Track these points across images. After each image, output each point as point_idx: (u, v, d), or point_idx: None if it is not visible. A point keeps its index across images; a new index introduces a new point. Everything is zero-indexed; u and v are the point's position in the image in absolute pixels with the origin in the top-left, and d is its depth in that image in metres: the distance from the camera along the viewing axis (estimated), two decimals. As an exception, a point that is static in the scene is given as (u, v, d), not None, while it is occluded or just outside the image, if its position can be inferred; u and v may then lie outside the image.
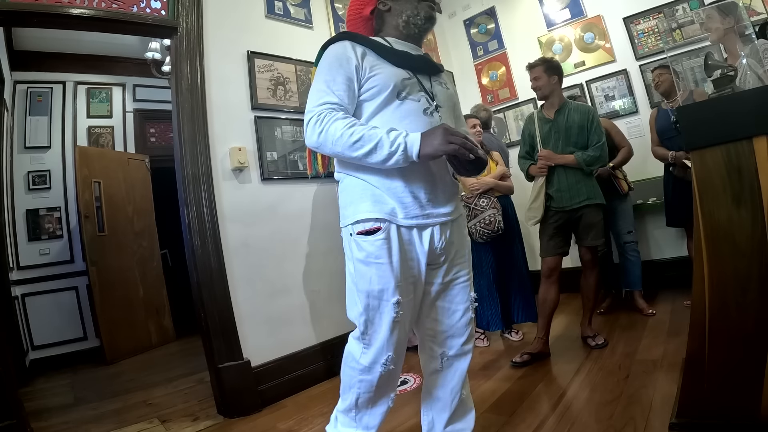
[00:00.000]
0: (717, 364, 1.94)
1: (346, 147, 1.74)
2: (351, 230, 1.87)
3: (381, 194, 1.85)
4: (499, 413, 2.75)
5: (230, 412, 3.29)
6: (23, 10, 3.05)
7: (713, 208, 1.91)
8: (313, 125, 1.79)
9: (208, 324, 3.33)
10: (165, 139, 7.19)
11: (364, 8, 2.09)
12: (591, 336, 3.68)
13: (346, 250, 1.95)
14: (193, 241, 3.36)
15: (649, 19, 5.18)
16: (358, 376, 1.90)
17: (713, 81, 2.25)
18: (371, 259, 1.82)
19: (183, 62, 3.53)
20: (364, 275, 1.84)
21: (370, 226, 1.83)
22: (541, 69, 3.64)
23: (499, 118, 6.33)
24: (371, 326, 1.86)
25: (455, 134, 1.69)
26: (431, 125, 1.86)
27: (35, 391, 4.64)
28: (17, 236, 5.73)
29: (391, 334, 1.85)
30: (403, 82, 1.90)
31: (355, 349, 1.92)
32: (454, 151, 1.68)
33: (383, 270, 1.82)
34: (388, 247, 1.82)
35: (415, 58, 2.04)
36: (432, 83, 2.04)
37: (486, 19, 6.45)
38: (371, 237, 1.82)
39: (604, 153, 3.60)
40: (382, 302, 1.83)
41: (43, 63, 6.16)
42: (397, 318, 1.84)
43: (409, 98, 1.91)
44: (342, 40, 1.94)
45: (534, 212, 3.65)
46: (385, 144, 1.70)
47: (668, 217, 4.38)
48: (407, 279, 1.88)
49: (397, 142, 1.70)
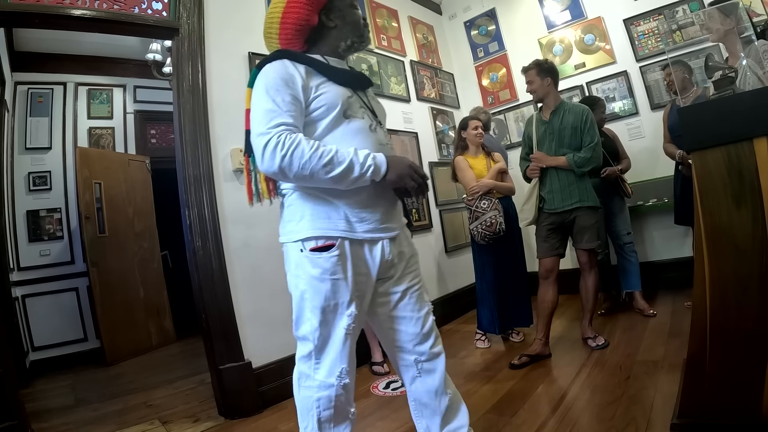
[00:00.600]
0: (718, 364, 1.94)
1: (316, 170, 1.71)
2: (302, 246, 1.85)
3: (333, 209, 1.86)
4: (500, 414, 2.76)
5: (231, 413, 3.29)
6: (25, 11, 3.05)
7: (714, 209, 1.91)
8: (272, 150, 1.71)
9: (210, 325, 3.33)
10: (165, 141, 7.20)
11: (311, 16, 1.97)
12: (591, 337, 3.68)
13: (290, 266, 1.93)
14: (194, 243, 3.37)
15: (650, 20, 5.20)
16: (315, 394, 1.87)
17: (714, 82, 2.26)
18: (326, 275, 1.82)
19: (184, 63, 3.54)
20: (319, 291, 1.83)
21: (323, 242, 1.83)
22: (534, 72, 3.65)
23: (499, 119, 6.34)
24: (324, 341, 1.87)
25: (419, 172, 1.84)
26: (376, 142, 1.95)
27: (35, 392, 4.64)
28: (18, 237, 5.74)
29: (343, 346, 1.87)
30: (348, 101, 1.92)
31: (307, 369, 1.91)
32: (412, 188, 1.84)
33: (338, 285, 1.83)
34: (343, 262, 1.84)
35: (355, 75, 2.10)
36: (368, 99, 2.09)
37: (486, 20, 6.47)
38: (326, 253, 1.82)
39: (596, 154, 3.58)
40: (338, 316, 1.85)
41: (43, 64, 6.16)
42: (349, 331, 1.87)
43: (355, 116, 1.94)
44: (281, 59, 1.88)
45: (526, 213, 3.70)
46: (356, 166, 1.74)
47: (677, 215, 4.37)
48: (358, 292, 1.89)
49: (368, 164, 1.76)
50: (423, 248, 5.21)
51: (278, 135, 1.71)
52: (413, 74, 5.86)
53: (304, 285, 1.86)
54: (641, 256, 4.74)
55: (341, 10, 2.00)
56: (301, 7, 1.92)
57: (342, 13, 2.00)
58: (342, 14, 2.00)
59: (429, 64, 6.23)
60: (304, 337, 1.89)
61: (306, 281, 1.85)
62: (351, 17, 2.02)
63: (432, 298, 5.04)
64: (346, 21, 2.01)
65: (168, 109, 5.85)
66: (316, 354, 1.88)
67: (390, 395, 3.38)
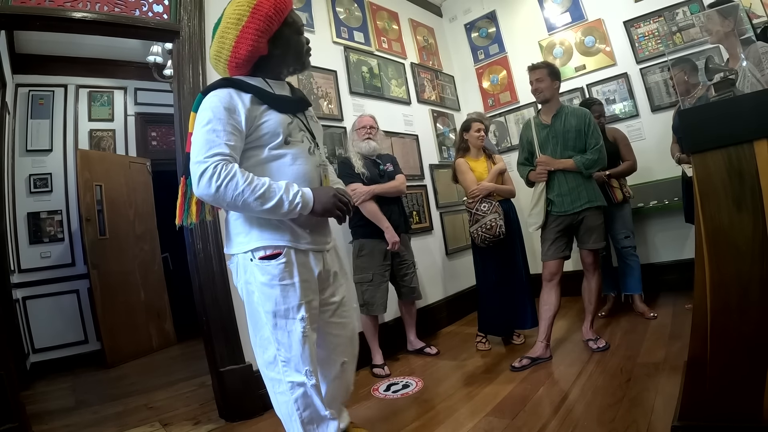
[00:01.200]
0: (719, 366, 1.93)
1: (248, 202, 1.84)
2: (251, 256, 1.99)
3: (278, 222, 2.01)
4: (501, 416, 2.75)
5: (232, 415, 3.29)
6: (26, 14, 3.07)
7: (714, 211, 1.91)
8: (209, 179, 1.81)
9: (210, 328, 3.34)
10: (166, 143, 7.20)
11: (262, 47, 2.04)
12: (593, 339, 3.68)
13: (240, 276, 2.07)
14: (195, 245, 3.38)
15: (650, 22, 5.20)
16: (291, 395, 2.00)
17: (714, 85, 2.25)
18: (275, 281, 1.97)
19: (185, 66, 3.54)
20: (269, 297, 1.97)
21: (271, 251, 1.98)
22: (545, 72, 3.64)
23: (500, 122, 6.34)
24: (282, 344, 1.99)
25: (343, 201, 2.03)
26: (314, 164, 2.16)
27: (36, 394, 4.64)
28: (18, 239, 5.74)
29: (303, 347, 1.99)
30: (288, 127, 2.07)
31: (276, 374, 2.03)
32: (338, 218, 2.06)
33: (287, 290, 1.98)
34: (290, 269, 2.00)
35: (295, 101, 2.24)
36: (308, 121, 2.25)
37: (487, 23, 6.47)
38: (274, 261, 1.97)
39: (602, 156, 3.59)
40: (289, 320, 1.99)
41: (44, 66, 6.17)
42: (305, 333, 2.00)
43: (295, 141, 2.09)
44: (225, 88, 1.96)
45: (535, 218, 3.66)
46: (285, 203, 1.88)
47: (687, 214, 4.31)
48: (308, 297, 2.04)
49: (296, 202, 1.90)
50: (423, 250, 5.22)
51: (215, 165, 1.82)
52: (414, 76, 5.85)
53: (256, 292, 2.01)
54: (642, 258, 4.73)
55: (287, 38, 2.09)
56: (255, 40, 1.98)
57: (287, 41, 2.10)
58: (287, 42, 2.10)
59: (429, 66, 6.22)
60: (265, 342, 2.03)
61: (257, 288, 2.00)
62: (295, 45, 2.13)
63: (432, 300, 5.10)
64: (290, 49, 2.12)
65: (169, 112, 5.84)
66: (281, 357, 2.01)
67: (391, 397, 3.38)
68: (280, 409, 2.07)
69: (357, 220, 3.99)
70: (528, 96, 5.89)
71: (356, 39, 5.16)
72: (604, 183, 4.31)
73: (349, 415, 2.54)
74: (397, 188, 4.11)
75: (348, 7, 5.19)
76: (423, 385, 3.53)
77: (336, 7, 5.03)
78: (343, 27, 5.03)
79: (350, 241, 4.13)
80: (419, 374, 3.78)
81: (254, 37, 1.97)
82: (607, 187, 4.33)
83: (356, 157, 3.99)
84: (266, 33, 1.99)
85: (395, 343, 4.44)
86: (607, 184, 4.34)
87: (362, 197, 3.87)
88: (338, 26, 4.97)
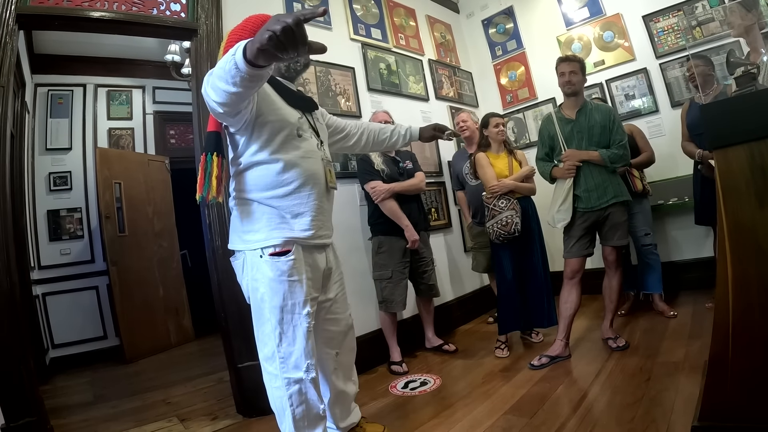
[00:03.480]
0: (740, 366, 1.90)
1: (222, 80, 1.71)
2: (261, 253, 2.08)
3: (286, 219, 2.11)
4: (520, 415, 2.74)
5: (249, 411, 3.31)
6: (44, 14, 3.10)
7: (737, 208, 1.89)
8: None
9: (229, 324, 3.36)
10: (184, 141, 7.26)
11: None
12: (612, 338, 3.64)
13: (247, 272, 2.15)
14: (213, 242, 3.40)
15: (669, 16, 5.13)
16: (286, 391, 2.07)
17: (735, 79, 2.23)
18: (284, 277, 2.06)
19: (203, 64, 3.56)
20: (277, 292, 2.05)
21: (281, 248, 2.07)
22: (578, 66, 3.60)
23: (518, 118, 6.31)
24: (286, 338, 2.07)
25: (283, 16, 1.45)
26: (321, 160, 2.27)
27: (55, 389, 4.69)
28: (38, 236, 5.82)
29: (306, 342, 2.08)
30: (299, 121, 2.22)
31: (273, 369, 2.11)
32: (278, 34, 1.42)
33: (294, 286, 2.07)
34: (298, 266, 2.09)
35: (306, 99, 2.42)
36: (314, 121, 2.38)
37: (504, 18, 6.44)
38: (283, 258, 2.06)
39: (627, 152, 3.56)
40: (295, 315, 2.07)
41: (63, 66, 6.25)
42: (309, 327, 2.09)
43: (305, 136, 2.22)
44: None
45: (563, 214, 3.58)
46: (228, 62, 1.63)
47: (697, 216, 4.31)
48: (312, 294, 2.16)
49: (229, 58, 1.62)
50: (441, 247, 5.23)
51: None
52: (431, 73, 5.85)
53: (263, 288, 2.08)
54: (662, 256, 4.67)
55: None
56: (228, 48, 1.93)
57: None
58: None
59: (447, 62, 6.21)
60: (266, 336, 2.10)
61: (265, 284, 2.07)
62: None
63: (450, 298, 5.08)
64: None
65: (186, 110, 5.89)
66: (279, 352, 2.07)
67: (408, 395, 3.38)
68: (275, 403, 2.14)
69: (376, 217, 4.00)
70: (546, 92, 5.90)
71: (374, 36, 5.16)
72: (624, 173, 4.27)
73: (364, 411, 2.55)
74: (417, 186, 4.11)
75: (365, 4, 5.19)
76: (441, 382, 3.53)
77: (353, 4, 5.04)
78: (360, 24, 5.03)
79: (369, 238, 4.14)
80: (437, 372, 3.78)
81: (234, 39, 2.15)
82: (628, 175, 4.28)
83: (375, 154, 3.98)
84: (245, 34, 2.14)
85: (413, 341, 4.43)
86: (628, 172, 4.29)
87: (382, 195, 3.88)
88: (355, 23, 4.97)
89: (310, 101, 2.45)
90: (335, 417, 2.50)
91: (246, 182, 2.14)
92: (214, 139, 2.15)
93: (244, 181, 2.15)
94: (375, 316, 4.15)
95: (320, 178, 2.24)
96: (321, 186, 2.24)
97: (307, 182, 2.16)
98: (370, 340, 4.03)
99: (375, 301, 4.05)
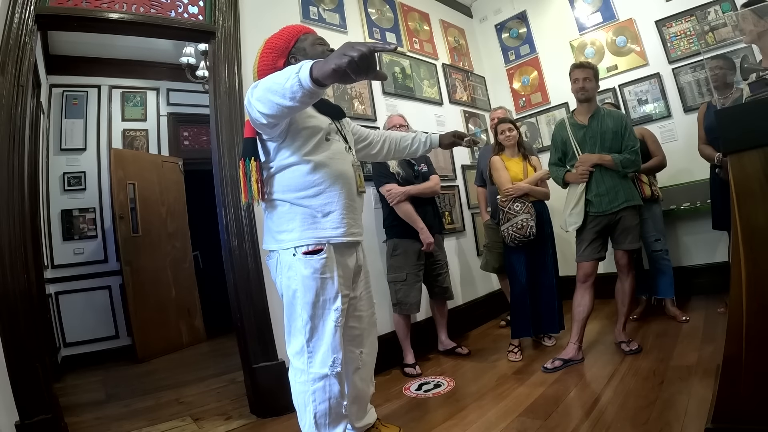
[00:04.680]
0: (754, 368, 1.91)
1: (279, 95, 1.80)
2: (294, 251, 2.15)
3: (317, 218, 2.19)
4: (534, 417, 2.75)
5: (263, 411, 3.32)
6: (63, 14, 3.14)
7: (751, 212, 1.90)
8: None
9: (244, 324, 3.37)
10: (198, 142, 7.30)
11: (277, 61, 2.30)
12: (625, 341, 3.64)
13: (281, 270, 2.21)
14: (230, 242, 3.42)
15: (681, 21, 5.14)
16: (310, 387, 2.12)
17: (749, 84, 2.23)
18: (317, 274, 2.13)
19: (221, 66, 3.59)
20: (310, 288, 2.12)
21: (313, 247, 2.15)
22: (592, 72, 3.62)
23: (531, 122, 6.33)
24: (315, 333, 2.15)
25: (358, 44, 1.58)
26: (350, 162, 2.37)
27: (67, 387, 4.72)
28: (52, 235, 5.87)
29: (333, 338, 2.15)
30: (329, 126, 2.31)
31: (300, 364, 2.16)
32: (351, 62, 1.55)
33: (326, 283, 2.15)
34: (330, 264, 2.17)
35: (335, 106, 2.54)
36: (341, 127, 2.46)
37: (517, 23, 6.45)
38: (316, 256, 2.14)
39: (638, 158, 3.58)
40: (326, 311, 2.15)
41: (78, 67, 6.31)
42: (338, 323, 2.16)
43: (335, 140, 2.32)
44: None
45: (575, 218, 3.60)
46: (290, 78, 1.74)
47: (714, 220, 4.28)
48: (343, 291, 2.22)
49: (292, 76, 1.73)
50: (454, 251, 5.25)
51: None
52: (445, 77, 5.86)
53: (296, 284, 2.15)
54: (674, 261, 4.67)
55: (304, 49, 2.31)
56: (267, 56, 2.32)
57: (305, 52, 2.30)
58: (305, 53, 2.29)
59: (460, 67, 6.22)
60: (297, 332, 2.18)
61: (299, 281, 2.14)
62: (313, 52, 2.28)
63: (464, 301, 5.10)
64: (309, 57, 2.19)
65: (200, 112, 5.94)
66: (308, 347, 2.14)
67: (422, 397, 3.39)
68: (297, 398, 2.19)
69: (391, 219, 4.02)
70: (559, 97, 5.91)
71: (388, 40, 5.17)
72: (633, 178, 4.26)
73: (378, 413, 2.57)
74: (432, 189, 4.13)
75: (380, 8, 5.22)
76: (454, 384, 3.54)
77: (368, 8, 5.06)
78: (375, 28, 5.06)
79: (384, 240, 4.16)
80: (450, 374, 3.79)
81: (267, 53, 2.32)
82: (636, 181, 4.26)
83: None
84: (278, 50, 2.31)
85: (426, 343, 4.44)
86: (637, 178, 4.29)
87: (397, 198, 3.90)
88: (370, 27, 5.00)
89: (339, 109, 2.54)
90: (351, 416, 2.52)
91: (278, 184, 2.20)
92: (251, 144, 2.20)
93: (276, 183, 2.21)
94: (389, 318, 4.16)
95: (350, 178, 2.32)
96: (351, 186, 2.31)
97: (337, 181, 2.22)
98: (384, 342, 4.00)
99: (389, 303, 4.07)
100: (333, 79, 1.66)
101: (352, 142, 2.55)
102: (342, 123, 2.50)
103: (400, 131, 3.87)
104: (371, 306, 2.58)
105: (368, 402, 2.62)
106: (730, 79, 3.96)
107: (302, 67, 1.70)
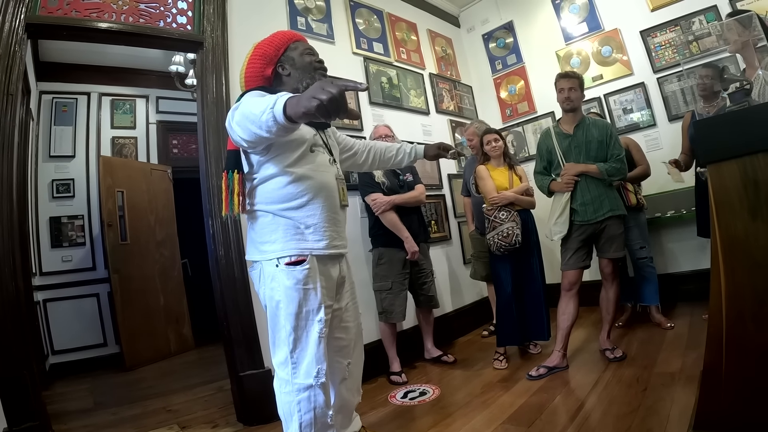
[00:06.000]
0: (734, 376, 1.94)
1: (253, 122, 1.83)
2: (277, 262, 2.14)
3: (301, 230, 2.18)
4: (518, 424, 2.77)
5: (250, 419, 3.33)
6: (54, 24, 3.15)
7: (730, 221, 1.91)
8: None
9: (231, 332, 3.39)
10: (187, 151, 7.31)
11: (265, 69, 2.32)
12: (609, 349, 3.67)
13: (264, 281, 2.21)
14: (217, 252, 3.43)
15: (666, 32, 5.20)
16: (296, 398, 2.11)
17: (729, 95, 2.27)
18: (300, 285, 2.12)
19: (208, 76, 3.61)
20: (293, 299, 2.11)
21: (296, 258, 2.14)
22: (577, 82, 3.65)
23: (517, 131, 6.37)
24: (299, 344, 2.13)
25: (331, 84, 1.58)
26: (334, 175, 2.37)
27: (54, 395, 4.70)
28: (40, 243, 5.85)
29: (318, 348, 2.13)
30: (314, 138, 2.31)
31: (285, 375, 2.14)
32: (320, 103, 1.57)
33: (309, 294, 2.14)
34: (313, 275, 2.16)
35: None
36: (326, 138, 2.46)
37: (504, 33, 6.51)
38: (299, 267, 2.13)
39: (624, 166, 3.61)
40: (309, 321, 2.14)
41: (68, 74, 6.32)
42: (321, 334, 2.14)
43: (319, 152, 2.32)
44: (258, 90, 2.18)
45: (560, 227, 3.63)
46: (265, 112, 1.75)
47: (699, 228, 4.30)
48: (326, 302, 2.20)
49: (267, 110, 1.74)
50: (441, 259, 5.27)
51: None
52: (432, 87, 5.91)
53: (279, 295, 2.14)
54: (659, 268, 4.72)
55: (293, 59, 2.33)
56: (255, 62, 2.32)
57: (293, 61, 2.33)
58: (293, 62, 2.32)
59: (448, 76, 6.27)
60: (281, 342, 2.15)
61: (281, 292, 2.13)
62: (301, 63, 2.33)
63: (450, 309, 5.12)
64: (297, 67, 2.32)
65: (189, 120, 5.94)
66: (292, 358, 2.12)
67: (408, 404, 3.41)
68: (282, 408, 2.17)
69: (377, 228, 4.04)
70: (546, 106, 5.96)
71: (375, 50, 5.23)
72: (618, 186, 4.30)
73: (363, 421, 2.58)
74: (417, 198, 4.16)
75: (367, 19, 5.26)
76: (440, 392, 3.56)
77: (356, 19, 5.11)
78: (362, 38, 5.10)
79: (370, 250, 4.18)
80: (436, 382, 3.81)
81: (255, 60, 2.32)
82: (622, 189, 4.30)
83: None
84: (266, 58, 2.31)
85: (413, 351, 4.46)
86: (622, 187, 4.33)
87: (382, 207, 3.93)
88: (358, 37, 5.04)
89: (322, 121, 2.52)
90: (336, 425, 2.53)
91: (261, 195, 2.20)
92: (234, 157, 2.20)
93: (259, 194, 2.20)
94: (375, 327, 4.18)
95: (333, 191, 2.32)
96: (334, 198, 2.31)
97: (320, 194, 2.23)
98: (370, 350, 4.01)
99: (375, 311, 4.09)
100: (304, 119, 1.70)
101: (337, 154, 2.56)
102: (327, 133, 2.50)
103: (385, 141, 3.91)
104: (357, 317, 2.59)
105: (353, 410, 2.63)
106: (717, 87, 3.99)
107: (276, 102, 1.72)
